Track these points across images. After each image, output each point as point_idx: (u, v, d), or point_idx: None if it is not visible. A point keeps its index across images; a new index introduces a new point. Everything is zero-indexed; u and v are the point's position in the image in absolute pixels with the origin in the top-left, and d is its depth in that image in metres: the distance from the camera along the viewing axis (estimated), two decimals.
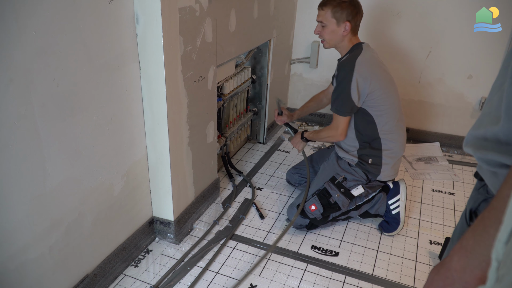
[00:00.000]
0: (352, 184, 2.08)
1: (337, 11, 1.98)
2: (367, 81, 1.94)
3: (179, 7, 1.65)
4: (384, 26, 2.96)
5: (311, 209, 2.05)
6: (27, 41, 1.17)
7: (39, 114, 1.26)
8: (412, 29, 2.91)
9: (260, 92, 2.91)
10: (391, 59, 2.96)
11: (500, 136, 0.64)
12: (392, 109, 2.02)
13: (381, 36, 2.99)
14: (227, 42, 2.13)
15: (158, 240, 2.02)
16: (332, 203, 2.06)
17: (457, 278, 0.64)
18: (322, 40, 2.09)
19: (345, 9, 1.97)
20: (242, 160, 2.81)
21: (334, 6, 1.98)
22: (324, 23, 2.02)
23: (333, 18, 1.99)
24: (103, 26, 1.44)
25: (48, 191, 1.35)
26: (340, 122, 2.04)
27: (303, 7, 3.13)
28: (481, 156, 0.68)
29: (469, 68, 2.88)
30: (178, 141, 1.86)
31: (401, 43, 2.95)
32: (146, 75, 1.68)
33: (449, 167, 2.83)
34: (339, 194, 2.06)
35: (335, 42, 2.05)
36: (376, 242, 2.07)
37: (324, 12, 2.00)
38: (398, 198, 2.13)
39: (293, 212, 2.10)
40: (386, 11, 2.92)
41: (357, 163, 2.10)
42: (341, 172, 2.11)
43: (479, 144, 0.68)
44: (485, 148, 0.66)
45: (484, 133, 0.68)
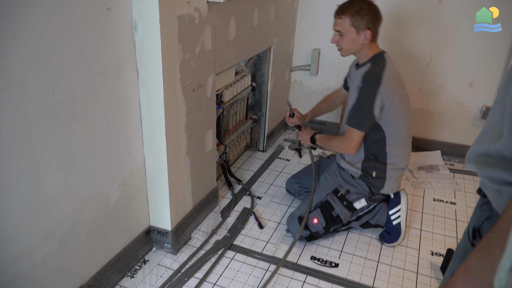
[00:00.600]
0: (355, 197, 2.04)
1: (356, 19, 1.88)
2: (389, 98, 1.87)
3: (178, 15, 1.63)
4: (384, 34, 2.94)
5: (313, 223, 2.01)
6: (23, 49, 1.15)
7: (34, 123, 1.24)
8: (412, 38, 2.89)
9: (260, 100, 2.89)
10: None
11: (504, 152, 0.62)
12: (405, 127, 1.98)
13: (382, 44, 2.96)
14: (227, 50, 2.12)
15: (155, 250, 1.98)
16: (335, 216, 2.02)
17: None
18: (339, 49, 2.00)
19: (364, 16, 1.88)
20: (241, 168, 2.78)
21: (353, 14, 1.88)
22: (342, 32, 1.93)
23: (352, 27, 1.90)
24: (101, 33, 1.42)
25: (42, 200, 1.32)
26: (354, 136, 1.95)
27: (303, 15, 3.12)
28: (485, 173, 0.65)
29: (470, 77, 2.86)
30: (176, 149, 1.83)
31: (401, 51, 2.93)
32: (144, 83, 1.66)
33: (450, 176, 2.80)
34: (342, 207, 2.02)
35: (354, 50, 1.97)
36: (376, 253, 2.04)
37: (342, 20, 1.91)
38: (399, 208, 2.10)
39: (293, 224, 2.06)
40: (387, 20, 2.90)
41: (360, 175, 2.06)
42: (344, 184, 2.07)
43: (482, 161, 0.66)
44: (489, 165, 0.64)
45: (487, 149, 0.66)
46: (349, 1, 1.93)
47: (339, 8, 1.93)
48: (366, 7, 1.89)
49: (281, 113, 3.27)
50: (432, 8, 2.76)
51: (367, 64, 1.96)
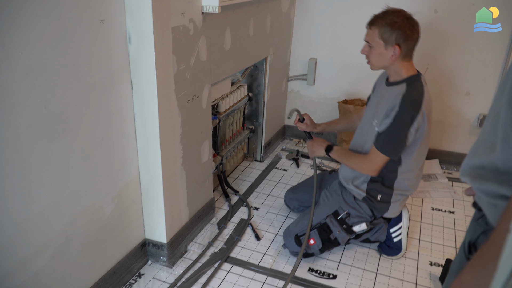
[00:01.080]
0: (356, 220, 1.96)
1: (385, 32, 1.73)
2: (423, 125, 1.77)
3: (172, 26, 1.63)
4: None
5: (310, 243, 1.95)
6: (13, 62, 1.14)
7: (24, 136, 1.22)
8: None
9: (257, 110, 2.88)
10: None
11: (498, 164, 0.61)
12: (422, 155, 1.92)
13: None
14: (222, 61, 2.11)
15: (151, 263, 1.96)
16: (332, 239, 1.96)
17: None
18: (368, 62, 1.86)
19: (395, 31, 1.71)
20: (238, 179, 2.77)
21: (383, 25, 1.73)
22: (371, 43, 1.78)
23: (381, 40, 1.74)
24: (94, 45, 1.41)
25: (33, 215, 1.30)
26: (379, 160, 1.82)
27: (300, 24, 3.12)
28: (479, 187, 0.64)
29: (467, 85, 2.86)
30: (171, 161, 1.82)
31: None
32: (139, 94, 1.65)
33: (448, 184, 2.78)
34: (340, 231, 1.95)
35: (382, 65, 1.82)
36: (375, 264, 2.02)
37: (372, 31, 1.77)
38: (400, 226, 2.05)
39: (289, 241, 2.00)
40: None
41: (364, 198, 1.96)
42: (345, 207, 1.97)
43: (476, 174, 0.65)
44: (483, 178, 0.63)
45: (481, 162, 0.64)
46: (384, 11, 1.78)
47: (372, 17, 1.79)
48: (399, 20, 1.72)
49: (278, 123, 3.26)
50: (428, 17, 2.76)
51: (401, 84, 1.80)
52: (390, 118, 1.76)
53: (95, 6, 1.39)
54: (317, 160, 3.04)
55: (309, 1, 3.03)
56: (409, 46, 1.77)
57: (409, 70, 1.82)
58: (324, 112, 3.27)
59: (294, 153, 3.13)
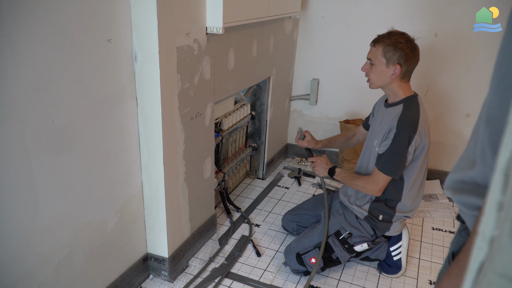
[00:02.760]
0: (358, 240, 1.98)
1: (389, 51, 1.80)
2: (421, 144, 1.83)
3: (177, 46, 1.69)
4: None
5: (311, 262, 1.96)
6: (23, 78, 1.19)
7: (33, 150, 1.27)
8: None
9: (259, 128, 2.93)
10: None
11: (477, 179, 0.64)
12: (423, 176, 1.96)
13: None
14: (226, 80, 2.17)
15: (152, 278, 1.98)
16: (334, 258, 1.97)
17: None
18: (367, 80, 1.93)
19: (398, 50, 1.79)
20: (240, 196, 2.80)
21: (387, 44, 1.81)
22: (373, 61, 1.85)
23: (383, 58, 1.82)
24: (101, 63, 1.47)
25: (39, 226, 1.34)
26: (382, 180, 1.87)
27: (303, 46, 3.19)
28: (460, 199, 0.67)
29: (467, 107, 2.90)
30: (174, 176, 1.86)
31: None
32: (143, 111, 1.70)
33: (449, 204, 2.79)
34: (342, 251, 1.97)
35: (381, 83, 1.88)
36: (374, 282, 2.02)
37: (376, 49, 1.84)
38: (400, 245, 2.07)
39: (291, 258, 2.00)
40: None
41: (366, 217, 1.99)
42: (347, 227, 2.00)
43: (458, 187, 0.68)
44: (464, 191, 0.66)
45: (462, 176, 0.68)
46: (389, 32, 1.86)
47: (377, 36, 1.87)
48: (403, 41, 1.81)
49: (280, 141, 3.31)
50: (428, 40, 2.82)
51: (398, 105, 1.87)
52: (389, 140, 1.82)
53: (103, 26, 1.45)
54: (317, 179, 3.07)
55: (311, 24, 3.11)
56: (409, 67, 1.83)
57: (406, 91, 1.88)
58: (326, 131, 3.31)
59: (296, 171, 3.16)
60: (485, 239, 0.37)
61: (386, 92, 1.94)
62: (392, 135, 1.81)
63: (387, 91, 1.93)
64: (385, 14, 2.87)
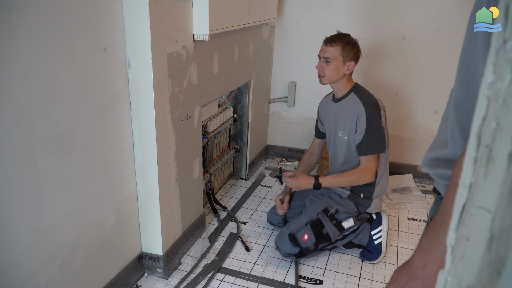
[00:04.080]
0: (344, 216, 2.15)
1: (345, 50, 2.06)
2: (385, 120, 2.11)
3: (168, 52, 1.79)
4: (356, 66, 3.18)
5: (304, 238, 2.09)
6: (30, 84, 1.27)
7: (39, 153, 1.34)
8: (380, 70, 3.13)
9: (241, 130, 3.04)
10: None
11: (448, 156, 0.79)
12: (388, 152, 2.18)
13: (354, 76, 3.20)
14: (211, 84, 2.28)
15: (147, 276, 2.05)
16: (324, 234, 2.11)
17: (419, 274, 0.77)
18: (320, 76, 2.12)
19: (352, 49, 2.08)
20: (226, 196, 2.90)
21: (344, 44, 2.06)
22: (330, 59, 2.07)
23: (341, 56, 2.06)
24: (98, 70, 1.55)
25: (45, 226, 1.41)
26: (371, 163, 2.08)
27: (279, 50, 3.33)
28: (435, 172, 0.82)
29: (434, 104, 3.11)
30: (166, 177, 1.95)
31: (371, 82, 3.16)
32: (137, 115, 1.79)
33: (422, 196, 2.98)
34: (332, 226, 2.11)
35: (334, 79, 2.11)
36: (358, 270, 2.16)
37: (333, 48, 2.07)
38: (381, 229, 2.24)
39: (283, 240, 2.12)
40: None
41: (348, 195, 2.18)
42: (333, 204, 2.17)
43: (433, 164, 0.83)
44: (438, 166, 0.81)
45: (436, 155, 0.83)
46: (339, 34, 2.13)
47: (331, 37, 2.11)
48: (354, 41, 2.11)
49: (261, 143, 3.43)
50: (396, 42, 3.02)
51: (350, 95, 2.15)
52: (362, 126, 2.06)
53: (100, 35, 1.54)
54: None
55: (287, 30, 3.25)
56: (357, 63, 2.14)
57: (351, 83, 2.19)
58: (304, 132, 3.46)
59: (277, 171, 3.29)
60: (465, 186, 0.49)
61: (335, 86, 2.18)
62: (364, 120, 2.05)
63: (336, 86, 2.17)
64: (355, 19, 3.05)
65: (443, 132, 0.83)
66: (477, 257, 0.45)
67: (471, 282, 0.45)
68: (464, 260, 0.49)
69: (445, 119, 0.84)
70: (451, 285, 0.52)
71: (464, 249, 0.49)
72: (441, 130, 0.85)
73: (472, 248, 0.47)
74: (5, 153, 1.22)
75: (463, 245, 0.50)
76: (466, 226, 0.49)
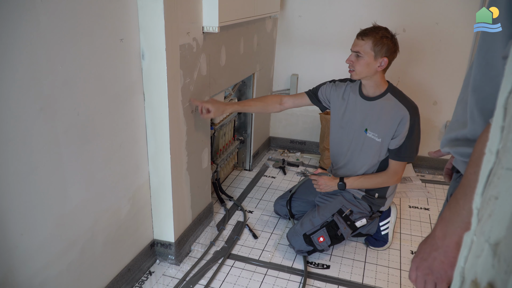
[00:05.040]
0: (358, 216, 2.16)
1: (378, 45, 1.92)
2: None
3: (180, 44, 1.83)
4: None
5: (319, 241, 2.10)
6: (55, 74, 1.31)
7: (62, 140, 1.39)
8: None
9: (245, 122, 3.09)
10: None
11: (467, 135, 0.85)
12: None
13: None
14: (219, 75, 2.33)
15: (159, 262, 2.11)
16: (339, 235, 2.12)
17: (440, 244, 0.82)
18: (350, 70, 2.01)
19: (385, 45, 1.93)
20: (231, 186, 2.95)
21: (376, 39, 1.93)
22: (361, 53, 1.95)
23: (372, 51, 1.93)
24: (115, 61, 1.60)
25: (67, 212, 1.46)
26: (401, 168, 2.07)
27: (282, 43, 3.39)
28: (456, 151, 0.87)
29: (434, 96, 3.18)
30: (178, 166, 2.00)
31: None
32: (150, 105, 1.84)
33: (422, 185, 3.06)
34: (346, 227, 2.13)
35: (365, 75, 1.99)
36: (363, 255, 2.24)
37: (364, 42, 1.94)
38: (389, 220, 2.30)
39: (297, 239, 2.13)
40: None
41: (363, 196, 2.18)
42: (347, 205, 2.16)
43: (453, 144, 0.89)
44: (458, 145, 0.87)
45: (456, 135, 0.88)
46: (374, 27, 1.99)
47: (364, 30, 1.98)
48: (389, 36, 1.96)
49: (264, 134, 3.48)
50: (398, 35, 3.07)
51: (386, 96, 2.03)
52: (404, 132, 2.00)
53: (117, 27, 1.58)
54: (301, 168, 3.27)
55: (289, 22, 3.30)
56: (391, 61, 2.00)
57: (386, 82, 2.07)
58: (306, 123, 3.52)
59: (280, 161, 3.35)
60: (492, 153, 0.55)
61: (367, 84, 2.05)
62: (408, 126, 1.99)
63: (368, 83, 2.04)
64: (357, 12, 3.11)
65: (460, 113, 0.89)
66: (505, 214, 0.50)
67: (500, 236, 0.50)
68: (492, 218, 0.55)
69: (461, 101, 0.90)
70: (478, 243, 0.58)
71: (493, 208, 0.55)
72: (458, 112, 0.90)
73: (500, 206, 0.53)
74: (32, 140, 1.27)
75: (491, 204, 0.56)
76: (494, 187, 0.55)
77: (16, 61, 1.17)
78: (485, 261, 0.52)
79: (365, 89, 2.10)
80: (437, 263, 0.81)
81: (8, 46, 1.14)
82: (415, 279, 0.86)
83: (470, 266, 0.57)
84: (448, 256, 0.80)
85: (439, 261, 0.81)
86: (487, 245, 0.54)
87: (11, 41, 1.15)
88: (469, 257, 0.58)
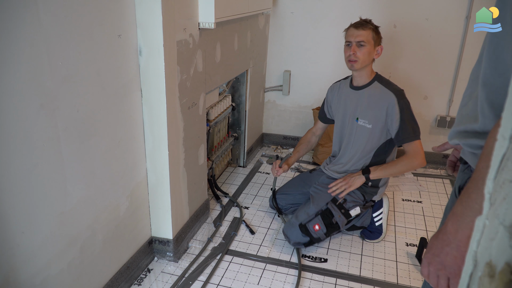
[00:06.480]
0: (351, 205, 2.20)
1: (376, 34, 2.08)
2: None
3: (177, 40, 1.83)
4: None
5: (315, 229, 2.13)
6: (55, 70, 1.30)
7: (63, 137, 1.38)
8: None
9: (239, 119, 3.10)
10: None
11: (477, 129, 0.86)
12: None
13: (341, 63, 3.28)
14: (214, 72, 2.33)
15: (157, 260, 2.11)
16: (334, 223, 2.16)
17: (452, 239, 0.82)
18: (353, 60, 2.08)
19: (379, 34, 2.11)
20: (226, 183, 2.96)
21: (374, 29, 2.08)
22: (364, 42, 2.05)
23: (372, 40, 2.07)
24: (113, 58, 1.59)
25: (68, 209, 1.45)
26: (420, 147, 2.08)
27: (273, 40, 3.40)
28: (465, 142, 0.89)
29: (424, 90, 3.22)
30: (175, 162, 2.00)
31: None
32: (148, 102, 1.83)
33: (414, 179, 3.10)
34: (340, 215, 2.16)
35: (367, 63, 2.10)
36: (359, 248, 2.26)
37: (366, 32, 2.06)
38: (382, 211, 2.33)
39: (293, 231, 2.15)
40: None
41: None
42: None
43: (461, 135, 0.90)
44: (467, 137, 0.88)
45: (465, 128, 0.90)
46: (364, 19, 2.12)
47: (360, 22, 2.09)
48: (378, 27, 2.13)
49: (257, 131, 3.49)
50: (388, 31, 3.11)
51: (373, 84, 2.16)
52: (395, 115, 2.07)
53: (115, 23, 1.57)
54: (295, 164, 3.28)
55: (281, 19, 3.31)
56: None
57: (373, 72, 2.22)
58: (298, 119, 3.54)
59: (273, 158, 3.36)
60: (505, 138, 0.57)
61: (359, 74, 2.16)
62: (398, 109, 2.07)
63: (360, 73, 2.16)
64: (348, 9, 3.13)
65: (470, 108, 0.90)
66: None
67: None
68: (507, 200, 0.56)
69: (468, 95, 0.92)
70: (492, 226, 0.59)
71: (507, 191, 0.56)
72: (468, 107, 0.91)
73: None
74: (33, 136, 1.26)
75: (505, 188, 0.57)
76: (509, 171, 0.56)
77: (17, 57, 1.16)
78: (501, 243, 0.53)
79: (356, 80, 2.22)
80: (449, 258, 0.81)
81: (9, 42, 1.13)
82: (428, 275, 0.86)
83: (484, 249, 0.58)
84: (461, 250, 0.79)
85: (451, 256, 0.81)
86: (502, 228, 0.55)
87: (12, 37, 1.14)
88: (481, 241, 0.59)
